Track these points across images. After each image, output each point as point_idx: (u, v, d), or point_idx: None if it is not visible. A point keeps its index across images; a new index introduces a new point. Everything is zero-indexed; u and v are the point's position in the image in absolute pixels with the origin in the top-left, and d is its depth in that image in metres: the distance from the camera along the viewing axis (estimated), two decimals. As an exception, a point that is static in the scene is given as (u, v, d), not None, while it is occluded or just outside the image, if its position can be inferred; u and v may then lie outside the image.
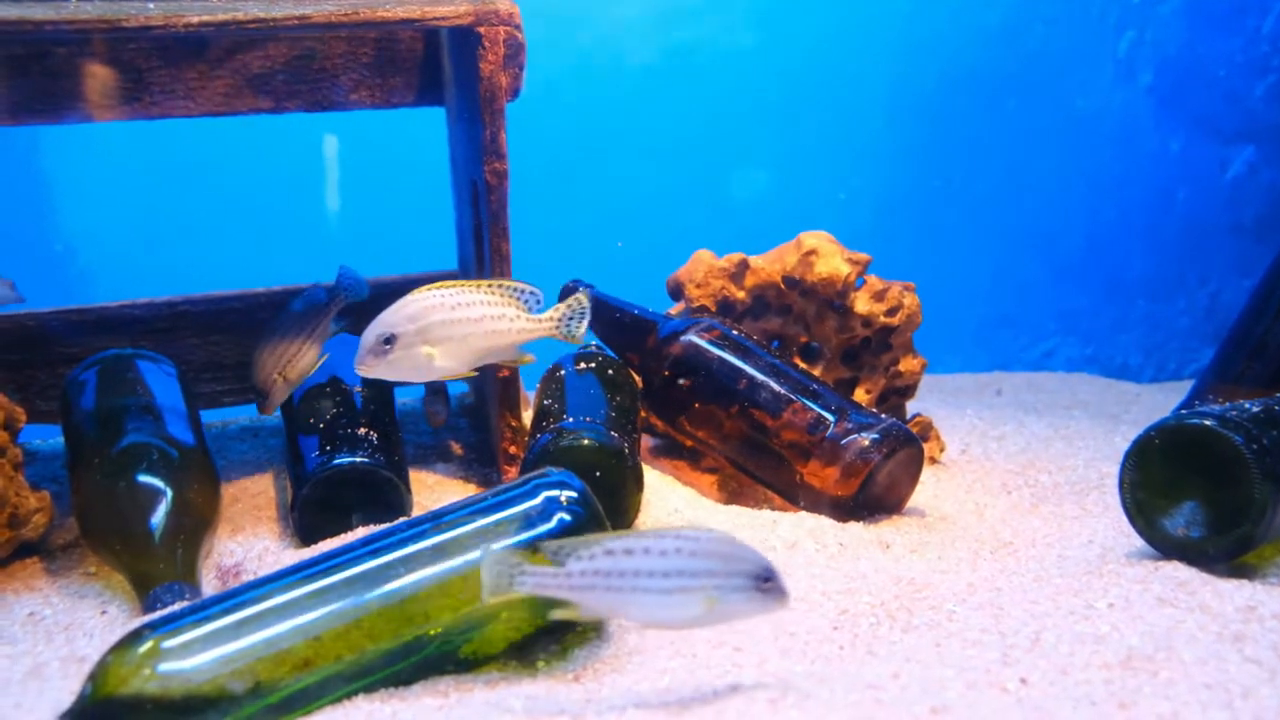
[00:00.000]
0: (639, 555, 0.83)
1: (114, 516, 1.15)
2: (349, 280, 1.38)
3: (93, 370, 1.34)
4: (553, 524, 0.95)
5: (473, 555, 0.93)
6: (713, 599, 0.83)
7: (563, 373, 1.45)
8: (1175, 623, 0.96)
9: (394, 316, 1.17)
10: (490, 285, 1.20)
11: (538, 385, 1.48)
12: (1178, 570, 1.09)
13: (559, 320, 1.23)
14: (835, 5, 2.77)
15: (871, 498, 1.31)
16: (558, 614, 0.86)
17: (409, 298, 1.17)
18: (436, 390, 1.67)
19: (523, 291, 1.21)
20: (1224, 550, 1.09)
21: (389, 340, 1.16)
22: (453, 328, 1.17)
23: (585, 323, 1.24)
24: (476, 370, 1.22)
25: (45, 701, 0.90)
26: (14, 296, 1.47)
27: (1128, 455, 1.15)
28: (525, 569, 0.85)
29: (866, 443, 1.30)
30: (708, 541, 0.83)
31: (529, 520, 0.95)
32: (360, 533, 1.18)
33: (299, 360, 1.34)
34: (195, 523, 1.17)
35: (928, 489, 1.46)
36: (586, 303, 1.25)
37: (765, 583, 0.83)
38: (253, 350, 1.36)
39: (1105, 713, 0.80)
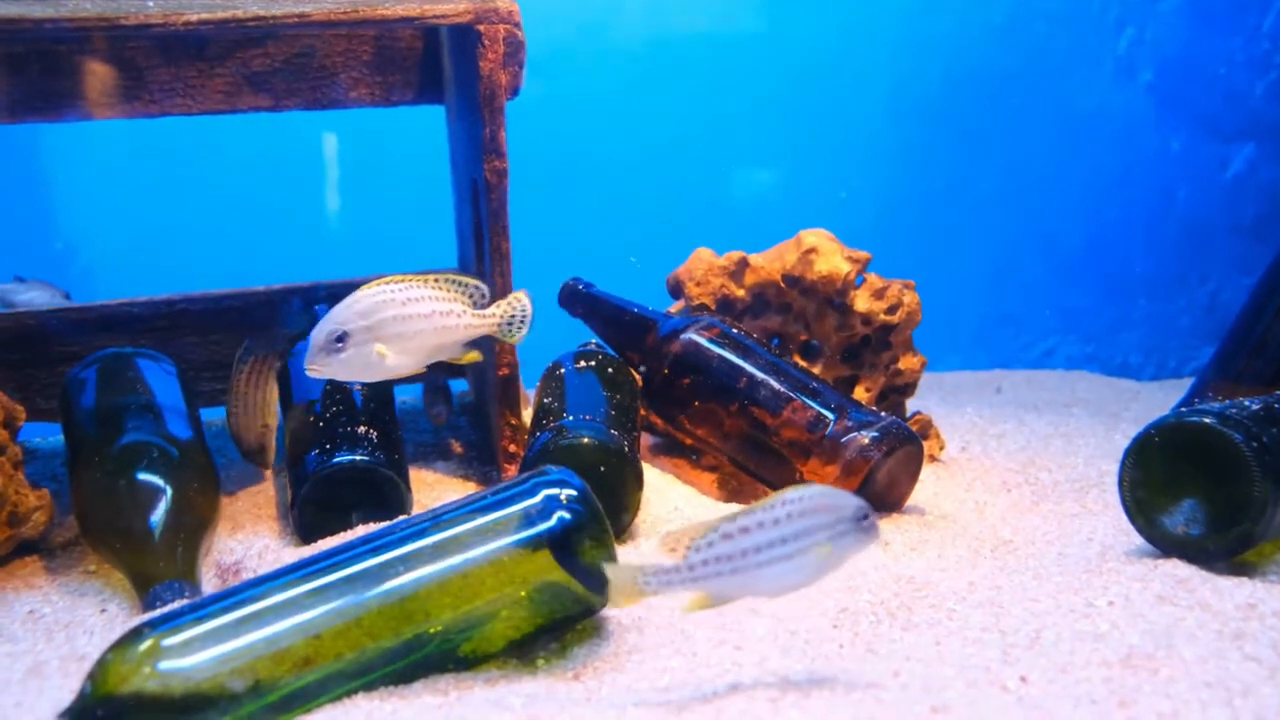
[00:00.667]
0: (755, 531, 0.85)
1: (114, 514, 1.15)
2: (293, 318, 1.39)
3: (93, 368, 1.34)
4: (552, 522, 0.95)
5: (472, 553, 0.93)
6: (828, 548, 0.85)
7: (562, 371, 1.45)
8: (1175, 621, 0.96)
9: (345, 313, 1.13)
10: (437, 279, 1.17)
11: (537, 384, 1.48)
12: (1178, 568, 1.09)
13: (501, 319, 1.20)
14: (835, 3, 2.76)
15: (871, 496, 1.31)
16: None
17: (358, 294, 1.14)
18: (437, 389, 1.67)
19: (467, 285, 1.18)
20: (1224, 548, 1.09)
21: (341, 338, 1.13)
22: (405, 324, 1.14)
23: (526, 327, 1.21)
24: (425, 369, 1.19)
25: (45, 700, 0.90)
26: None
27: (1127, 453, 1.15)
28: (647, 571, 0.86)
29: (866, 441, 1.30)
30: (809, 498, 0.85)
31: (529, 519, 0.95)
32: (360, 531, 1.18)
33: (271, 400, 1.35)
34: (195, 521, 1.17)
35: (927, 487, 1.46)
36: (527, 304, 1.21)
37: (864, 520, 0.86)
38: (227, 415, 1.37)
39: (1105, 711, 0.80)
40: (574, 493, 0.97)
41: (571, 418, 1.29)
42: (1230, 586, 1.03)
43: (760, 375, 1.39)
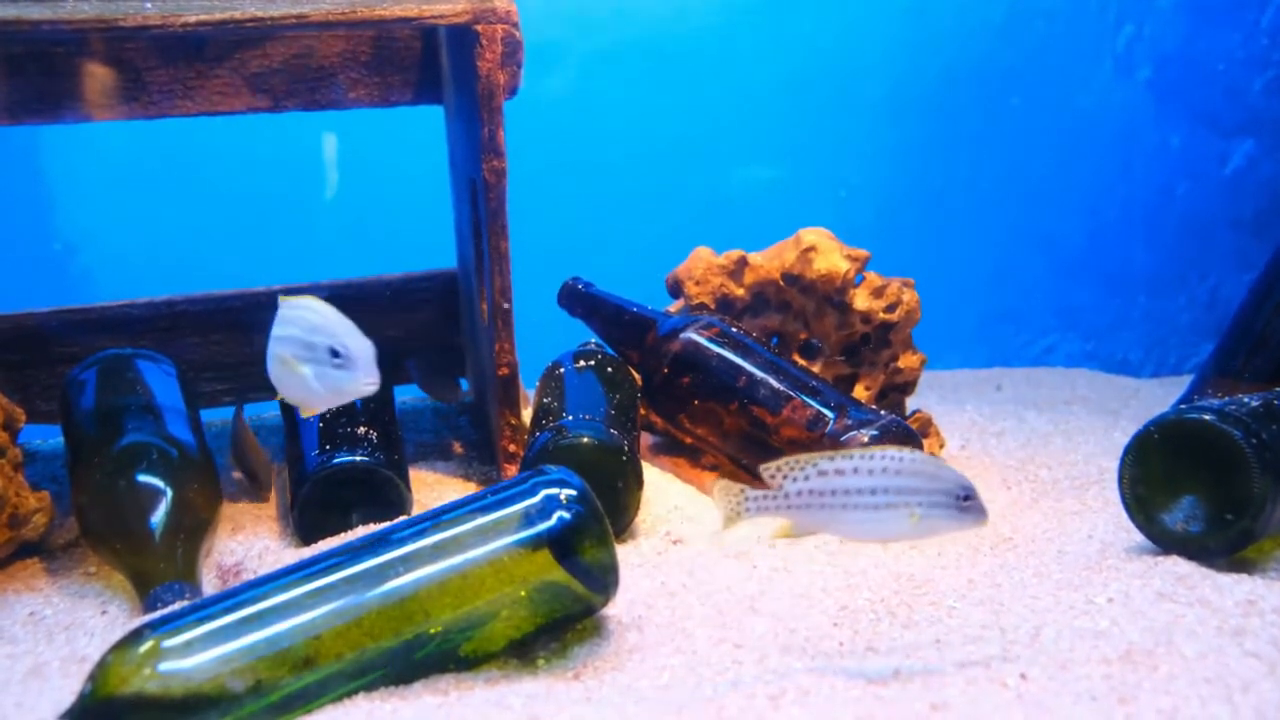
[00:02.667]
0: (849, 475, 0.88)
1: (114, 516, 1.15)
2: None
3: (92, 370, 1.34)
4: (552, 522, 0.95)
5: (472, 553, 0.93)
6: (916, 515, 0.87)
7: (562, 370, 1.45)
8: (1175, 617, 0.96)
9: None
10: None
11: (537, 383, 1.48)
12: (1177, 565, 1.09)
13: None
14: (835, 2, 2.76)
15: (871, 494, 1.31)
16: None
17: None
18: (430, 370, 1.67)
19: None
20: (1224, 545, 1.09)
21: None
22: None
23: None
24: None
25: (46, 701, 0.90)
26: None
27: (1127, 450, 1.15)
28: (749, 495, 0.92)
29: (866, 439, 1.30)
30: (912, 461, 0.87)
31: (528, 518, 0.95)
32: (360, 531, 1.18)
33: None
34: (195, 522, 1.17)
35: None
36: None
37: (965, 500, 0.87)
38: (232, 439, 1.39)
39: (1105, 708, 0.80)
40: (574, 492, 0.97)
41: (571, 417, 1.29)
42: (1230, 583, 1.03)
43: (760, 374, 1.39)
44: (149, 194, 2.64)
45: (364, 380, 1.03)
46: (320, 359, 1.05)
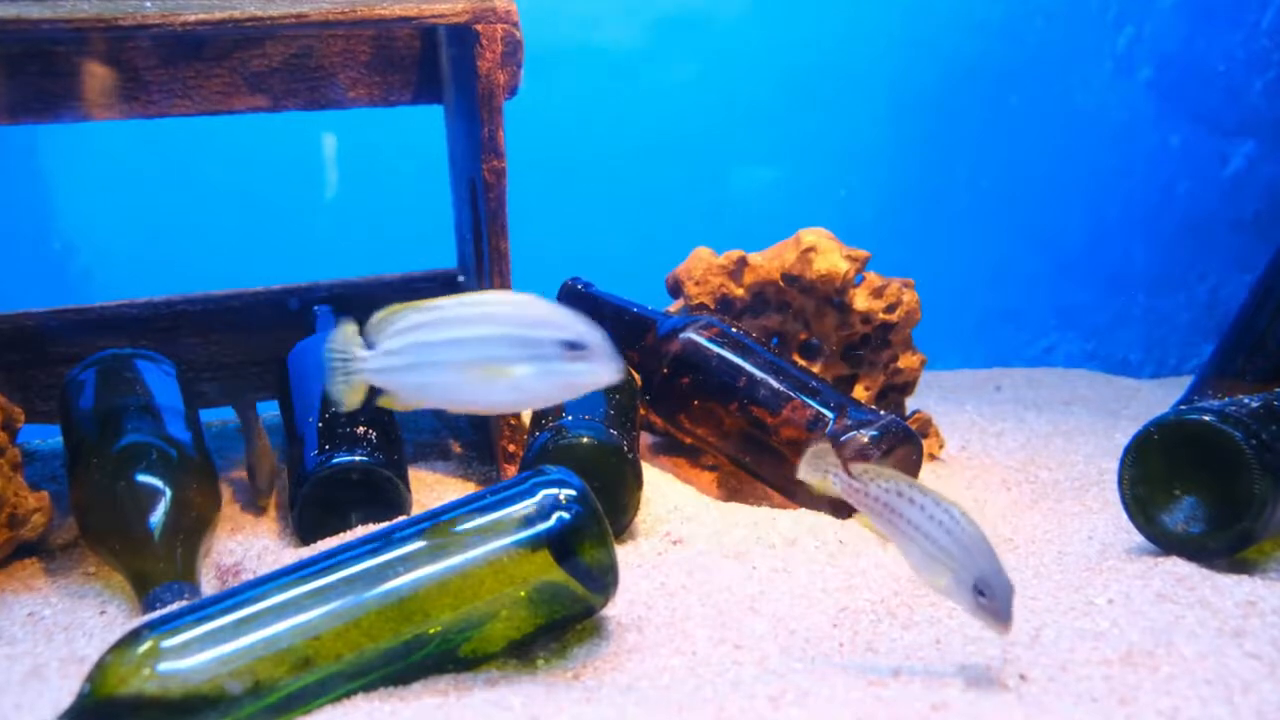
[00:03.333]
0: (916, 508, 0.90)
1: (113, 516, 1.15)
2: None
3: (92, 370, 1.34)
4: (551, 522, 0.95)
5: (471, 554, 0.93)
6: (943, 582, 0.89)
7: (562, 370, 1.45)
8: (1175, 618, 0.96)
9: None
10: None
11: (537, 383, 1.48)
12: (1177, 566, 1.08)
13: None
14: (835, 1, 2.76)
15: (871, 494, 1.31)
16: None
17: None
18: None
19: None
20: (1224, 545, 1.09)
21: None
22: None
23: None
24: None
25: (45, 702, 0.90)
26: None
27: (1127, 451, 1.14)
28: (836, 472, 0.94)
29: (865, 440, 1.30)
30: (963, 530, 0.88)
31: (528, 518, 0.95)
32: (359, 531, 1.18)
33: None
34: (194, 522, 1.17)
35: (927, 485, 1.45)
36: None
37: (981, 597, 0.87)
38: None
39: (1105, 709, 0.80)
40: (573, 492, 0.97)
41: (570, 417, 1.29)
42: (1230, 584, 1.03)
43: (759, 374, 1.39)
44: (148, 194, 2.63)
45: (607, 371, 0.93)
46: (546, 354, 0.92)
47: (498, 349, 0.92)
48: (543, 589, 0.94)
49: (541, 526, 0.95)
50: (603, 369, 0.92)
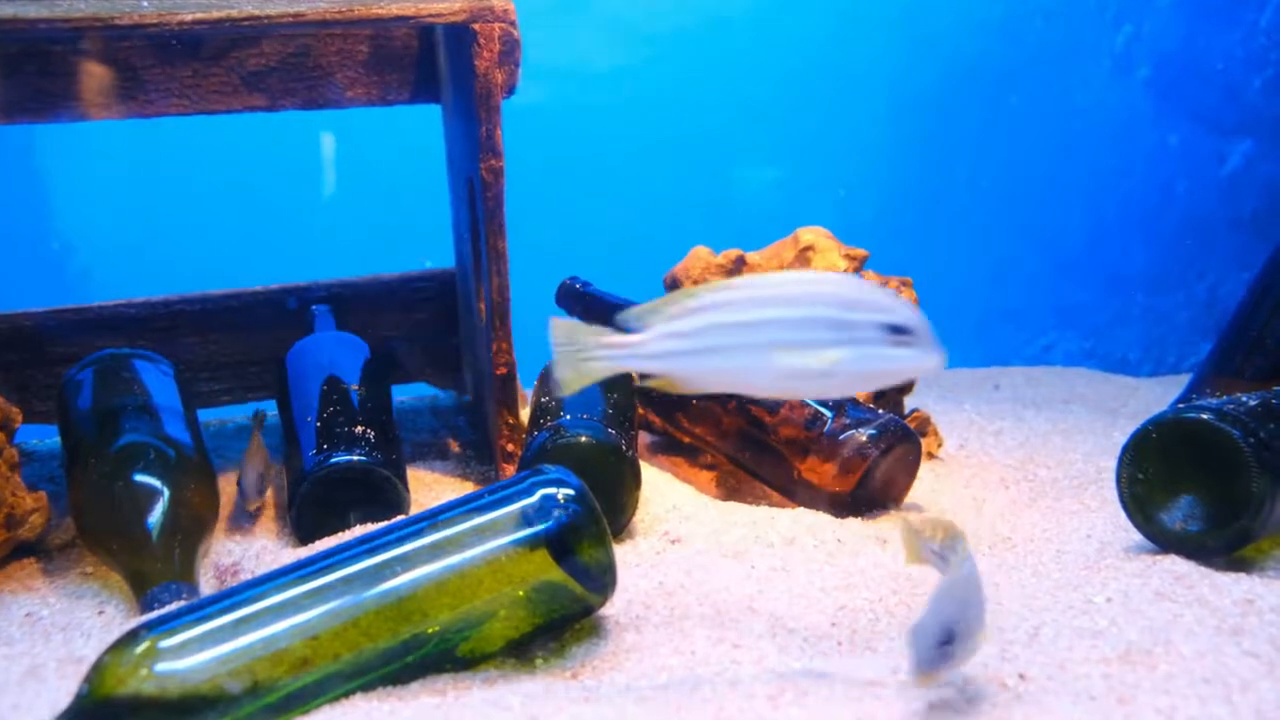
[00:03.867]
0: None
1: (111, 516, 1.14)
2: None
3: (89, 370, 1.34)
4: (550, 522, 0.95)
5: (469, 553, 0.93)
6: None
7: (560, 370, 1.45)
8: (1173, 617, 0.96)
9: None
10: None
11: (535, 383, 1.48)
12: (1176, 564, 1.08)
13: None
14: (834, 1, 2.76)
15: (869, 493, 1.31)
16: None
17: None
18: (427, 355, 1.66)
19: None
20: (1222, 544, 1.09)
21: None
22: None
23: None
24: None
25: (42, 702, 0.90)
26: None
27: (1125, 449, 1.14)
28: (928, 544, 0.87)
29: (864, 438, 1.30)
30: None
31: (526, 518, 0.95)
32: (358, 531, 1.18)
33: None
34: (192, 522, 1.17)
35: (925, 484, 1.46)
36: None
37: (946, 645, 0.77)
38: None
39: (1104, 707, 0.80)
40: (571, 492, 0.97)
41: (569, 416, 1.29)
42: (1228, 582, 1.03)
43: (758, 373, 1.39)
44: (146, 193, 2.63)
45: (932, 358, 0.87)
46: (866, 338, 0.86)
47: (811, 331, 0.86)
48: (541, 588, 0.94)
49: (540, 526, 0.95)
50: (928, 356, 0.87)
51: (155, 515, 1.14)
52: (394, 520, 1.03)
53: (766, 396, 0.95)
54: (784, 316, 0.87)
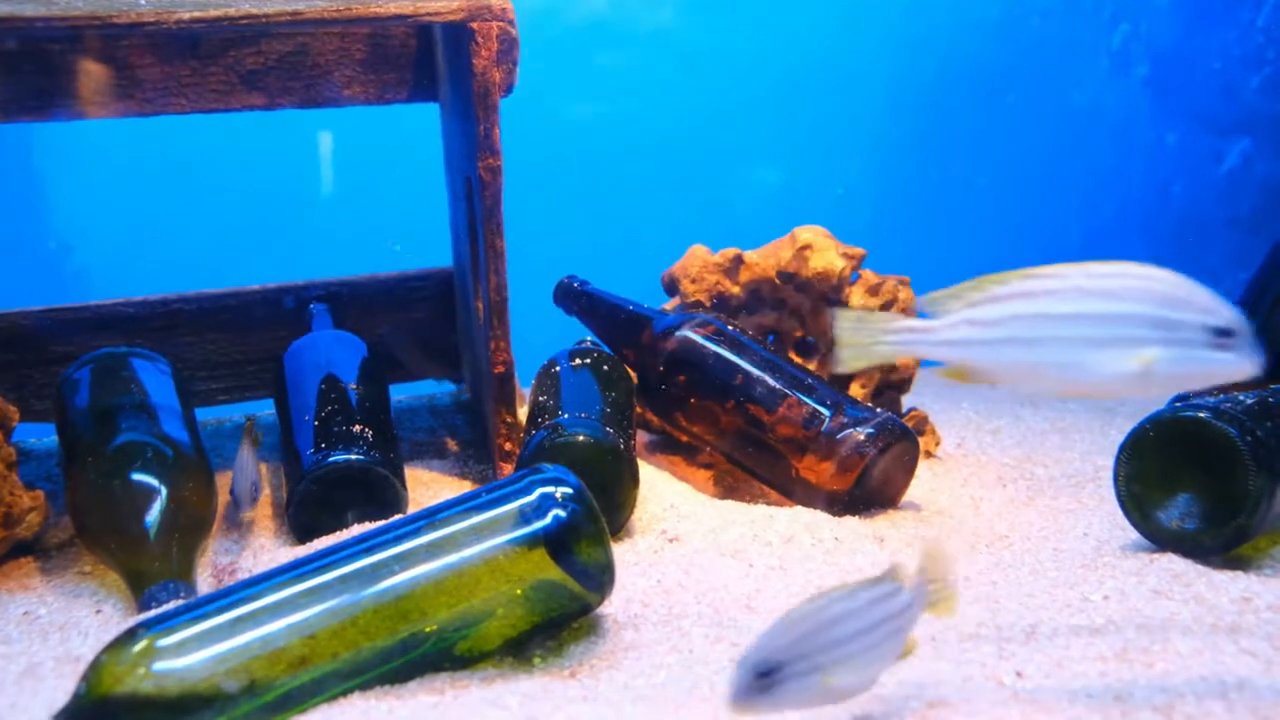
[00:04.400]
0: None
1: (109, 515, 1.14)
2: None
3: (87, 369, 1.34)
4: (548, 520, 0.95)
5: (467, 552, 0.93)
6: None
7: (558, 369, 1.45)
8: (1171, 615, 0.96)
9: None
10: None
11: (533, 381, 1.48)
12: (1173, 562, 1.09)
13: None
14: (833, 1, 2.76)
15: (867, 492, 1.31)
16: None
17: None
18: (421, 348, 1.66)
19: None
20: (1219, 542, 1.09)
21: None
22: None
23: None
24: None
25: (40, 701, 0.90)
26: None
27: (1122, 448, 1.15)
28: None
29: (862, 437, 1.30)
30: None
31: (524, 517, 0.95)
32: (355, 530, 1.18)
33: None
34: (190, 521, 1.17)
35: (923, 483, 1.46)
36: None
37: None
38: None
39: (1101, 705, 0.80)
40: (569, 490, 0.97)
41: (567, 415, 1.29)
42: (1225, 580, 1.03)
43: (756, 372, 1.39)
44: (144, 192, 2.63)
45: (1253, 363, 0.82)
46: (1190, 339, 0.81)
47: (1128, 328, 0.81)
48: (539, 587, 0.94)
49: (538, 525, 0.95)
50: (1248, 360, 0.82)
51: (153, 514, 1.14)
52: (392, 519, 1.03)
53: (1070, 395, 0.92)
54: (1102, 311, 0.82)
